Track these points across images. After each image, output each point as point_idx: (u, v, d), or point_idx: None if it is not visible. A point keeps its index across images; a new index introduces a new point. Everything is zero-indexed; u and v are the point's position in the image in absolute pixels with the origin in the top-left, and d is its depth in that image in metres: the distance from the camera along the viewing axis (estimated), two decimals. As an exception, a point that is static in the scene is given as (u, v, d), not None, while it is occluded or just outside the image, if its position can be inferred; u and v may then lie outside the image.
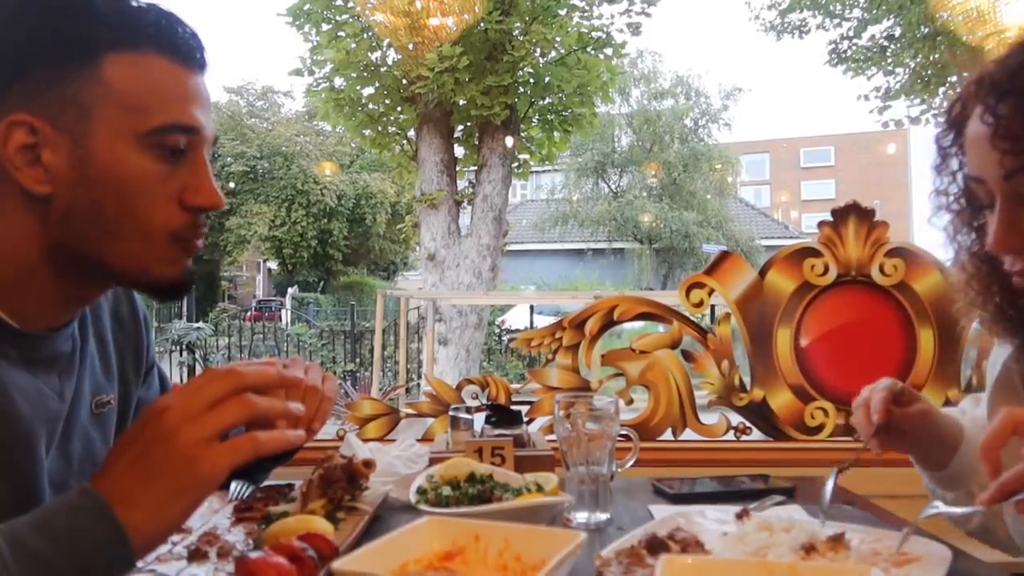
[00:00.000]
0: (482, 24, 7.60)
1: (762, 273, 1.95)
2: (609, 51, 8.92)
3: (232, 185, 20.70)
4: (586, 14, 8.73)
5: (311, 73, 8.71)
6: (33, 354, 0.90)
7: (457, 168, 8.73)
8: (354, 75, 8.53)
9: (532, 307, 13.55)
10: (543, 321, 9.00)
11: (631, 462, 1.29)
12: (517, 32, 8.26)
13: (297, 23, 8.55)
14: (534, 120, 8.98)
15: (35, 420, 0.88)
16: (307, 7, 8.47)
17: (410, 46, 5.90)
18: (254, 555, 0.78)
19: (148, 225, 0.88)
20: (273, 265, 23.50)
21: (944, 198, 1.06)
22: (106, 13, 0.86)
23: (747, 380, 1.95)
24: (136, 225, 0.87)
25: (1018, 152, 0.88)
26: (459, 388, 1.95)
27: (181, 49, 0.90)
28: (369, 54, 8.39)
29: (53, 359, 0.93)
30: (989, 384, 1.16)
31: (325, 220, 21.41)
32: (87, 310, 1.02)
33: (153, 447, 0.75)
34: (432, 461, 1.29)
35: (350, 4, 8.27)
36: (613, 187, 25.37)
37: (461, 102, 8.30)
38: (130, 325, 1.11)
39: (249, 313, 18.98)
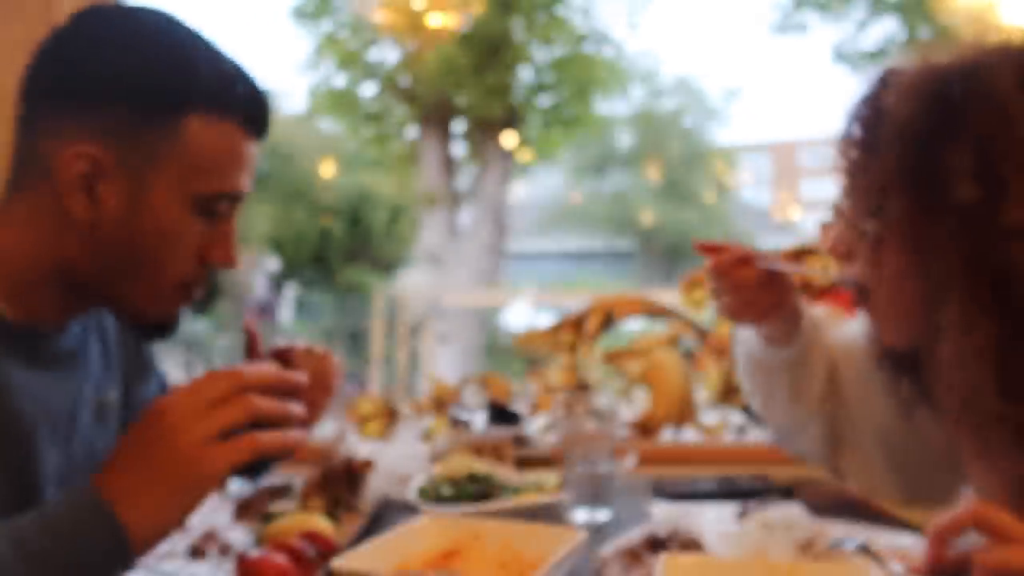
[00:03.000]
0: (482, 23, 7.60)
1: (762, 273, 1.95)
2: (609, 50, 8.92)
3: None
4: (586, 13, 8.74)
5: (311, 72, 8.71)
6: (36, 352, 0.90)
7: (457, 167, 8.73)
8: (354, 74, 8.53)
9: (532, 306, 13.54)
10: (543, 320, 9.00)
11: (631, 461, 1.29)
12: (517, 31, 8.26)
13: (298, 22, 8.55)
14: (534, 119, 8.98)
15: (37, 419, 0.88)
16: (307, 6, 8.48)
17: (410, 45, 5.90)
18: (254, 553, 0.78)
19: (167, 274, 0.88)
20: (273, 264, 23.51)
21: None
22: (205, 76, 0.87)
23: (747, 380, 1.95)
24: (157, 272, 0.88)
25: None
26: (459, 387, 1.95)
27: (258, 120, 0.91)
28: (369, 53, 8.39)
29: (56, 357, 0.93)
30: None
31: (325, 219, 21.41)
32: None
33: (154, 445, 0.75)
34: (432, 460, 1.29)
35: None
36: (613, 186, 25.37)
37: (461, 101, 8.30)
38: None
39: (249, 312, 18.99)
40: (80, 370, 0.97)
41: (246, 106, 0.89)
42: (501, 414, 1.62)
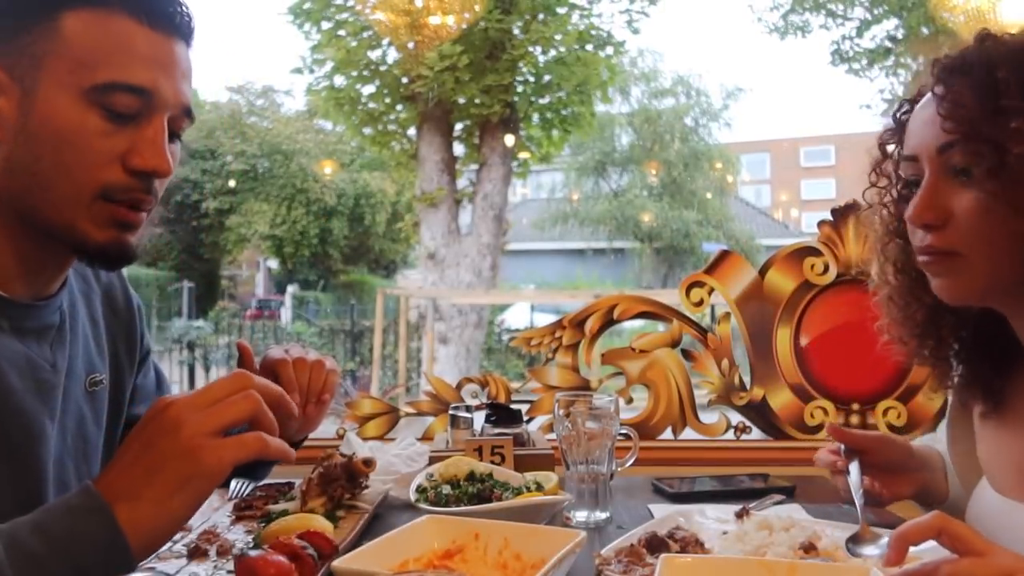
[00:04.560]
0: (482, 23, 7.60)
1: (762, 272, 1.95)
2: (609, 50, 8.93)
3: (232, 183, 20.68)
4: (586, 13, 8.73)
5: (311, 72, 8.72)
6: (21, 323, 0.90)
7: (457, 167, 8.74)
8: (354, 74, 8.54)
9: (532, 306, 13.56)
10: (543, 320, 9.00)
11: (631, 461, 1.29)
12: (517, 31, 8.26)
13: (297, 22, 8.55)
14: (534, 119, 8.98)
15: (27, 391, 0.88)
16: (308, 6, 8.48)
17: (410, 45, 5.91)
18: (254, 553, 0.78)
19: (78, 179, 0.86)
20: (273, 264, 23.48)
21: (877, 194, 1.07)
22: None
23: (747, 379, 1.95)
24: (66, 178, 0.86)
25: (958, 121, 0.89)
26: (459, 387, 1.95)
27: (153, 11, 0.88)
28: (369, 53, 8.39)
29: (42, 329, 0.92)
30: (946, 419, 1.16)
31: (325, 219, 21.39)
32: (76, 289, 1.02)
33: (157, 439, 0.75)
34: (432, 460, 1.29)
35: (350, 3, 8.27)
36: (613, 186, 25.35)
37: (461, 100, 8.31)
38: (123, 310, 1.11)
39: (249, 312, 18.99)
40: (70, 346, 0.97)
41: None
42: (501, 414, 1.62)
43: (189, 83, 0.93)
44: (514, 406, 1.78)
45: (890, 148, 1.05)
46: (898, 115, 1.02)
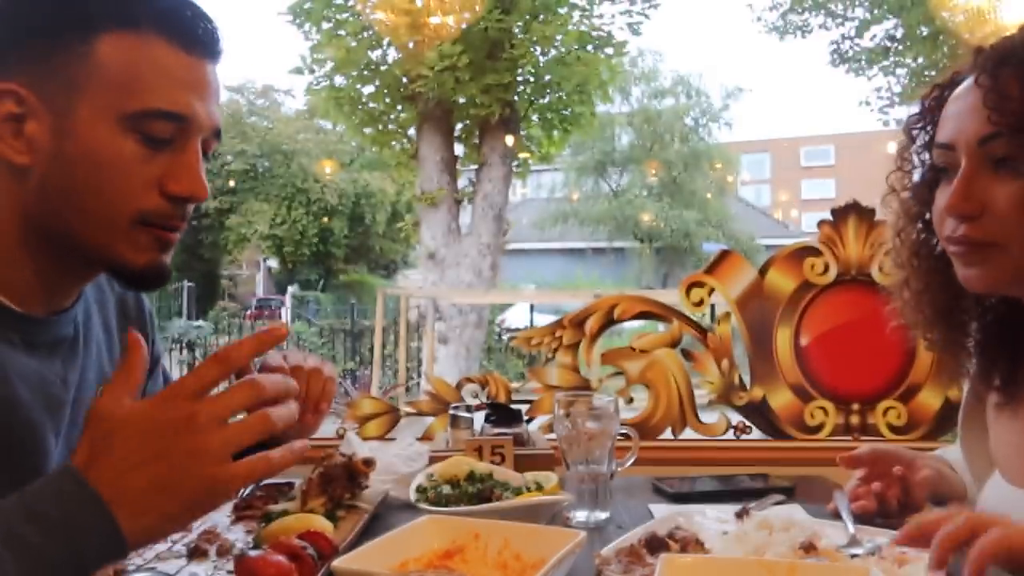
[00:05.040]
0: (482, 23, 7.60)
1: (762, 272, 1.95)
2: (609, 50, 8.93)
3: (232, 183, 20.69)
4: (586, 12, 8.73)
5: (311, 71, 8.72)
6: (34, 338, 0.89)
7: (457, 167, 8.74)
8: (354, 73, 8.54)
9: (532, 306, 13.53)
10: (543, 320, 9.00)
11: (631, 461, 1.29)
12: (517, 30, 8.26)
13: (297, 21, 8.55)
14: (534, 118, 8.98)
15: (36, 405, 0.87)
16: (307, 5, 8.48)
17: (410, 44, 5.90)
18: (254, 553, 0.78)
19: (116, 205, 0.86)
20: (273, 263, 23.48)
21: (901, 183, 1.06)
22: None
23: (747, 379, 1.95)
24: (104, 204, 0.85)
25: (1004, 113, 0.88)
26: (459, 387, 1.95)
27: (185, 33, 0.88)
28: (369, 52, 8.40)
29: (55, 344, 0.92)
30: (960, 414, 1.16)
31: (325, 218, 21.39)
32: (90, 298, 1.01)
33: (177, 457, 0.71)
34: (432, 460, 1.29)
35: (350, 2, 8.28)
36: (613, 186, 25.36)
37: (461, 100, 8.31)
38: (135, 317, 1.11)
39: (249, 311, 18.98)
40: (82, 358, 0.97)
41: (163, 19, 0.86)
42: (501, 414, 1.62)
43: (218, 102, 0.93)
44: (514, 406, 1.78)
45: (916, 133, 1.04)
46: (928, 101, 1.01)
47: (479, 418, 1.61)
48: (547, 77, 8.63)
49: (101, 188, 0.85)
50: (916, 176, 1.05)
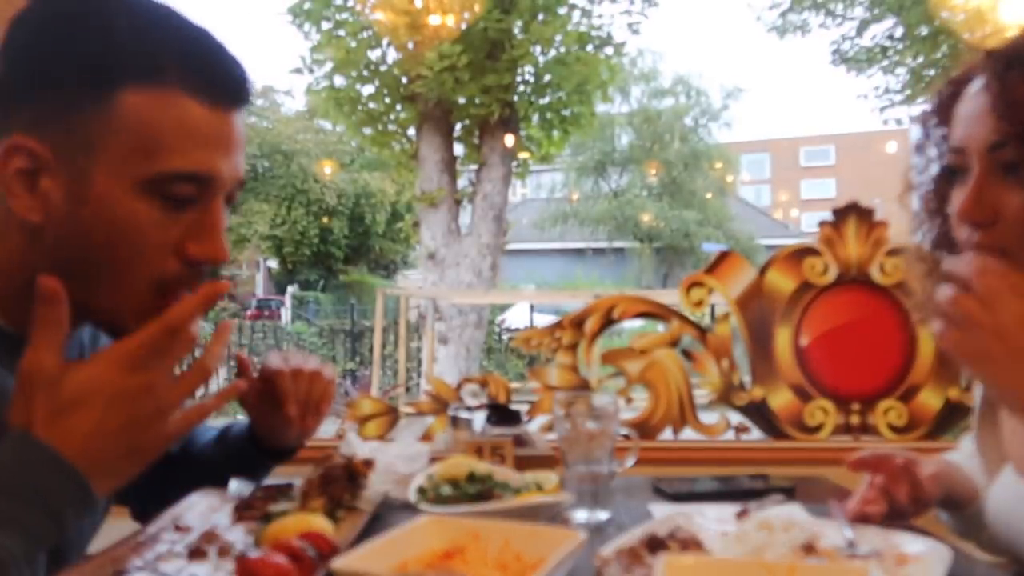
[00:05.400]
0: (482, 23, 7.60)
1: (762, 272, 1.95)
2: (609, 50, 8.93)
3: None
4: (586, 13, 8.73)
5: (311, 72, 8.72)
6: None
7: (457, 167, 8.74)
8: (354, 74, 8.53)
9: (532, 306, 13.55)
10: (543, 320, 9.00)
11: (631, 461, 1.29)
12: (517, 31, 8.26)
13: (297, 22, 8.55)
14: (534, 119, 8.98)
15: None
16: (307, 6, 8.48)
17: (410, 45, 5.91)
18: (254, 554, 0.78)
19: (133, 273, 0.81)
20: (273, 264, 23.48)
21: (918, 178, 1.06)
22: (126, 42, 0.78)
23: (747, 379, 1.95)
24: (120, 272, 0.81)
25: (1012, 119, 0.87)
26: (459, 387, 1.95)
27: (211, 87, 0.81)
28: (369, 53, 8.39)
29: None
30: (975, 410, 1.16)
31: (325, 219, 21.40)
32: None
33: (143, 420, 0.76)
34: (432, 460, 1.29)
35: (350, 3, 8.28)
36: (613, 186, 25.38)
37: (461, 100, 8.31)
38: None
39: (249, 312, 18.99)
40: None
41: (187, 73, 0.80)
42: (501, 414, 1.62)
43: (243, 150, 0.87)
44: (514, 406, 1.78)
45: (930, 129, 1.03)
46: (942, 95, 1.00)
47: (479, 418, 1.61)
48: (547, 77, 8.63)
49: (117, 256, 0.80)
50: (934, 169, 1.04)
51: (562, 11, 8.50)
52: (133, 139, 0.78)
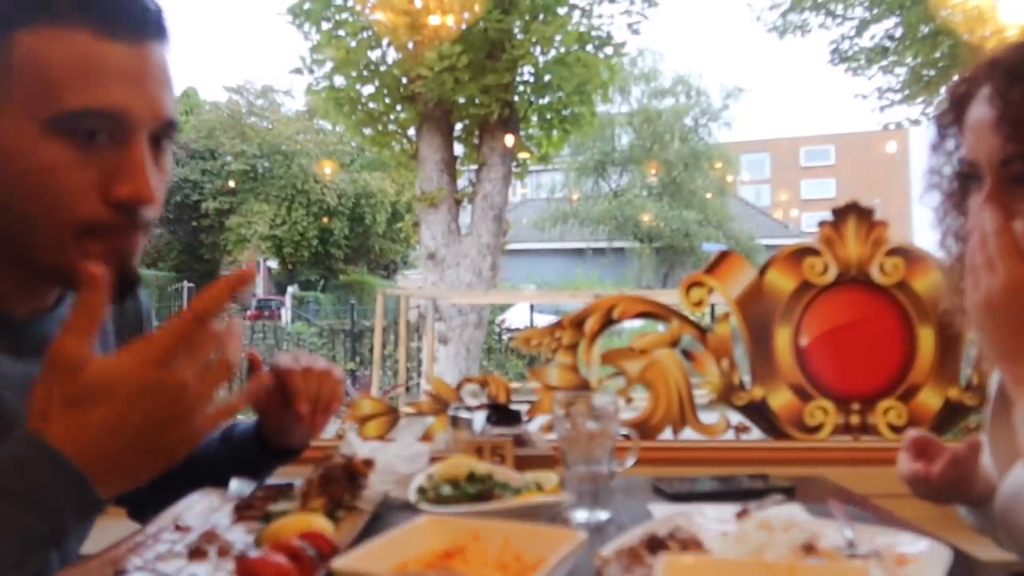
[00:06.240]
0: (482, 23, 7.60)
1: (762, 272, 1.95)
2: (609, 50, 8.93)
3: (232, 184, 20.70)
4: (586, 13, 8.74)
5: (311, 72, 8.72)
6: (19, 341, 0.86)
7: (457, 167, 8.74)
8: (354, 74, 8.53)
9: (532, 306, 13.56)
10: (543, 320, 9.00)
11: (631, 461, 1.29)
12: (517, 31, 8.26)
13: (297, 22, 8.55)
14: (533, 119, 8.99)
15: (23, 410, 0.87)
16: (307, 6, 8.48)
17: (410, 45, 5.91)
18: (254, 554, 0.78)
19: (55, 215, 0.79)
20: (273, 264, 23.49)
21: (937, 177, 1.06)
22: None
23: (747, 379, 1.95)
24: (43, 215, 0.79)
25: (1018, 139, 0.87)
26: (459, 387, 1.95)
27: (110, 19, 0.78)
28: (369, 53, 8.39)
29: (41, 346, 0.91)
30: (988, 404, 1.15)
31: (325, 219, 21.42)
32: None
33: (165, 420, 0.72)
34: (432, 460, 1.29)
35: (350, 3, 8.28)
36: (613, 186, 25.39)
37: (461, 100, 8.30)
38: (132, 314, 1.10)
39: (249, 312, 18.99)
40: None
41: (86, 6, 0.78)
42: (501, 414, 1.62)
43: (168, 89, 0.83)
44: (514, 406, 1.78)
45: (945, 131, 1.03)
46: (954, 95, 0.99)
47: (479, 418, 1.61)
48: (547, 77, 8.63)
49: (37, 199, 0.78)
50: (949, 169, 1.04)
51: (562, 11, 8.50)
52: (34, 81, 0.76)
